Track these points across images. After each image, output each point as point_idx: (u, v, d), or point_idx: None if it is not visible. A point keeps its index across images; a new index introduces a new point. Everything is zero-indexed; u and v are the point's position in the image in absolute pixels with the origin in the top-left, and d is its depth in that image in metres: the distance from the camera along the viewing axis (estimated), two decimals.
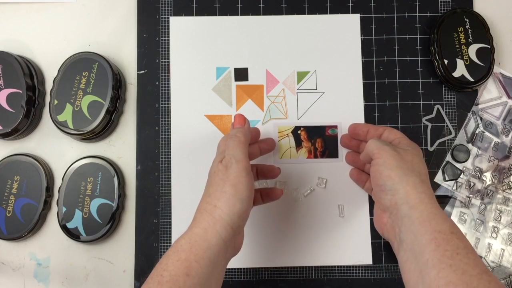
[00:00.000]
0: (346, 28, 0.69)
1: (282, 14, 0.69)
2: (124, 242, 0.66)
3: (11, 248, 0.65)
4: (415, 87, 0.68)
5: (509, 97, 0.68)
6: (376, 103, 0.68)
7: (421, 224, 0.49)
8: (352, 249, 0.65)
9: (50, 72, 0.68)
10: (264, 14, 0.69)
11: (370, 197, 0.66)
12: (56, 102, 0.64)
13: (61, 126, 0.64)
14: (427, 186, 0.53)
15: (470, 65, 0.66)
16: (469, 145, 0.67)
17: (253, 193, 0.53)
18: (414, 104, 0.68)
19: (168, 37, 0.68)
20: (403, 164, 0.53)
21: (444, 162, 0.67)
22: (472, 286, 0.44)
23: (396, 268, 0.65)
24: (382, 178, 0.53)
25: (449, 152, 0.67)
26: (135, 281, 0.64)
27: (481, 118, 0.68)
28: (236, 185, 0.50)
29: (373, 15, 0.69)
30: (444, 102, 0.68)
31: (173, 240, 0.65)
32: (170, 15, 0.69)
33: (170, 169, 0.66)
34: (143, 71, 0.68)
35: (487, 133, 0.67)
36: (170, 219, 0.65)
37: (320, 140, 0.67)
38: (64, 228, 0.63)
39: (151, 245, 0.65)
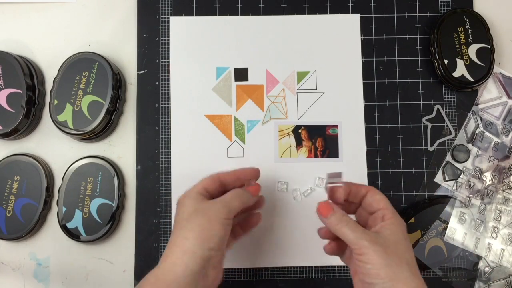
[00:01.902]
0: (346, 28, 0.69)
1: (282, 14, 0.69)
2: (124, 242, 0.66)
3: (11, 248, 0.65)
4: (415, 87, 0.68)
5: (509, 97, 0.68)
6: (376, 103, 0.68)
7: None
8: None
9: (50, 72, 0.68)
10: (264, 14, 0.69)
11: None
12: (56, 102, 0.64)
13: (61, 126, 0.64)
14: (418, 278, 0.50)
15: (470, 65, 0.66)
16: (469, 145, 0.67)
17: (229, 231, 0.52)
18: (414, 104, 0.68)
19: (168, 37, 0.68)
20: (390, 260, 0.48)
21: (444, 162, 0.67)
22: None
23: None
24: (370, 277, 0.49)
25: (449, 152, 0.67)
26: (135, 281, 0.64)
27: (481, 118, 0.68)
28: (211, 220, 0.50)
29: (373, 15, 0.69)
30: (444, 102, 0.68)
31: None
32: (170, 15, 0.69)
33: (170, 169, 0.66)
34: (143, 71, 0.68)
35: (487, 133, 0.67)
36: (170, 219, 0.65)
37: (320, 140, 0.67)
38: (64, 228, 0.63)
39: (151, 245, 0.65)
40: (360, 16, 0.69)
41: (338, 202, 0.54)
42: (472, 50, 0.67)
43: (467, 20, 0.67)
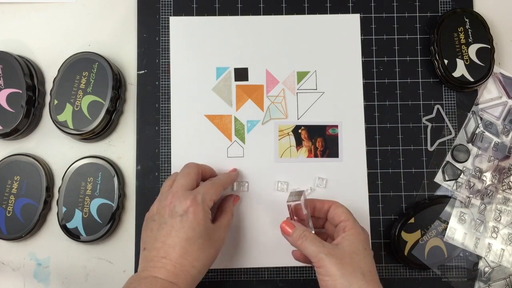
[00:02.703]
0: (346, 28, 0.69)
1: (282, 14, 0.69)
2: (124, 242, 0.66)
3: (11, 248, 0.65)
4: (415, 87, 0.68)
5: (509, 97, 0.68)
6: (376, 103, 0.68)
7: None
8: None
9: (50, 72, 0.68)
10: (264, 14, 0.69)
11: (370, 198, 0.66)
12: (56, 102, 0.64)
13: (61, 126, 0.64)
14: (372, 285, 0.52)
15: (470, 65, 0.66)
16: (469, 145, 0.67)
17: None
18: (414, 104, 0.68)
19: (168, 37, 0.68)
20: (345, 270, 0.51)
21: (444, 162, 0.67)
22: None
23: (396, 268, 0.65)
24: (324, 285, 0.52)
25: (449, 152, 0.67)
26: None
27: (481, 118, 0.68)
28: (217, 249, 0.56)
29: (373, 15, 0.69)
30: (444, 102, 0.68)
31: None
32: (170, 15, 0.69)
33: (170, 169, 0.66)
34: (143, 71, 0.68)
35: (487, 133, 0.67)
36: None
37: (320, 140, 0.67)
38: (64, 228, 0.63)
39: None
40: (360, 16, 0.69)
41: (302, 219, 0.57)
42: (472, 50, 0.67)
43: (467, 20, 0.67)
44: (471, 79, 0.66)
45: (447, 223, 0.65)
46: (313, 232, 0.56)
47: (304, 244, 0.54)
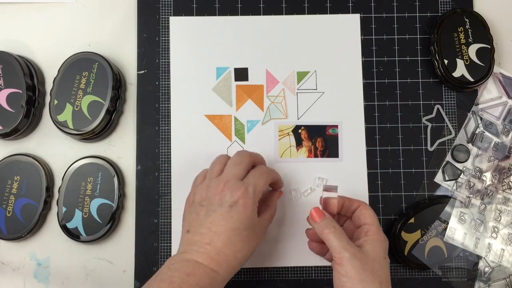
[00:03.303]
0: (346, 28, 0.69)
1: (282, 14, 0.69)
2: (124, 242, 0.66)
3: (11, 248, 0.65)
4: (415, 87, 0.68)
5: (509, 97, 0.68)
6: (376, 103, 0.68)
7: None
8: None
9: (50, 72, 0.68)
10: (264, 14, 0.69)
11: (370, 198, 0.66)
12: (56, 102, 0.64)
13: (61, 126, 0.64)
14: None
15: (470, 65, 0.66)
16: (469, 145, 0.67)
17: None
18: (414, 104, 0.68)
19: (168, 37, 0.68)
20: (365, 276, 0.51)
21: (444, 162, 0.67)
22: None
23: (396, 268, 0.65)
24: (344, 287, 0.52)
25: (449, 152, 0.67)
26: (135, 281, 0.64)
27: (481, 118, 0.68)
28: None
29: (373, 15, 0.69)
30: (444, 102, 0.68)
31: (173, 240, 0.65)
32: (170, 15, 0.69)
33: (170, 169, 0.66)
34: (143, 71, 0.68)
35: (487, 133, 0.67)
36: (170, 219, 0.65)
37: (320, 140, 0.67)
38: (64, 228, 0.63)
39: (151, 245, 0.65)
40: (360, 16, 0.69)
41: (331, 214, 0.56)
42: (472, 50, 0.67)
43: (467, 20, 0.67)
44: (471, 79, 0.66)
45: (447, 223, 0.65)
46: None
47: (330, 236, 0.53)
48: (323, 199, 0.57)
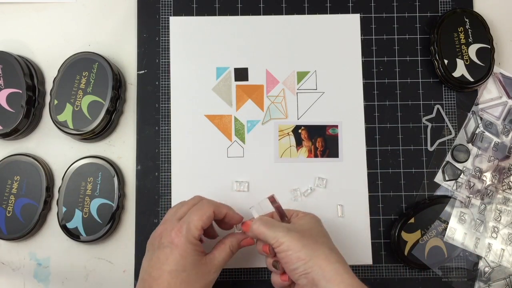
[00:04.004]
0: (346, 28, 0.69)
1: (282, 14, 0.69)
2: (124, 242, 0.66)
3: (11, 248, 0.65)
4: (415, 87, 0.68)
5: (509, 97, 0.68)
6: (376, 103, 0.68)
7: None
8: (352, 249, 0.65)
9: (50, 72, 0.68)
10: (264, 14, 0.69)
11: (370, 198, 0.66)
12: (56, 102, 0.64)
13: (61, 126, 0.64)
14: (337, 253, 0.52)
15: (470, 65, 0.66)
16: (469, 145, 0.67)
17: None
18: (414, 104, 0.68)
19: (168, 37, 0.68)
20: (306, 240, 0.51)
21: (444, 162, 0.67)
22: None
23: (396, 268, 0.65)
24: (293, 263, 0.51)
25: (449, 152, 0.67)
26: (135, 281, 0.64)
27: (481, 118, 0.68)
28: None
29: (373, 15, 0.69)
30: (444, 102, 0.68)
31: None
32: (170, 15, 0.69)
33: (170, 169, 0.66)
34: (143, 71, 0.68)
35: (487, 133, 0.67)
36: None
37: (320, 140, 0.67)
38: (64, 228, 0.63)
39: None
40: (360, 16, 0.69)
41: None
42: (472, 50, 0.67)
43: (467, 20, 0.67)
44: (471, 79, 0.66)
45: (447, 223, 0.65)
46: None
47: (260, 229, 0.52)
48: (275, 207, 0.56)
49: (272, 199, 0.56)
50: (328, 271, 0.49)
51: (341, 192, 0.66)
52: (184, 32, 0.69)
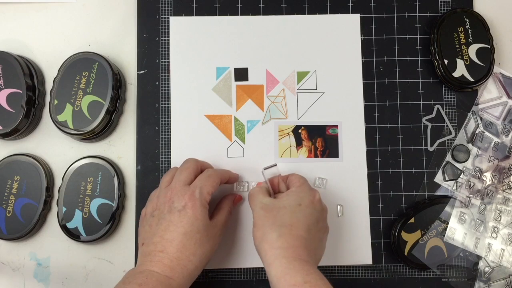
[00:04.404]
0: (346, 28, 0.69)
1: (282, 14, 0.69)
2: (124, 242, 0.66)
3: (11, 248, 0.65)
4: (415, 87, 0.68)
5: (509, 97, 0.68)
6: (376, 103, 0.68)
7: (278, 280, 0.51)
8: (352, 249, 0.65)
9: (50, 72, 0.68)
10: (264, 14, 0.69)
11: (370, 198, 0.66)
12: (56, 102, 0.64)
13: (61, 126, 0.64)
14: (285, 239, 0.53)
15: (470, 65, 0.66)
16: (469, 145, 0.67)
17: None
18: (414, 104, 0.68)
19: (168, 37, 0.68)
20: (266, 221, 0.54)
21: (444, 162, 0.67)
22: None
23: (396, 268, 0.65)
24: (252, 237, 0.55)
25: (449, 152, 0.67)
26: None
27: (481, 118, 0.68)
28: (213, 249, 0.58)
29: (373, 15, 0.69)
30: (444, 102, 0.68)
31: None
32: (170, 15, 0.69)
33: None
34: (143, 71, 0.68)
35: (487, 133, 0.67)
36: None
37: (320, 140, 0.67)
38: (64, 228, 0.63)
39: None
40: (360, 16, 0.69)
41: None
42: (472, 50, 0.67)
43: (467, 20, 0.67)
44: (471, 79, 0.66)
45: (447, 223, 0.65)
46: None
47: (249, 198, 0.58)
48: (268, 180, 0.61)
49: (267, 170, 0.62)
50: (269, 256, 0.52)
51: (341, 192, 0.66)
52: (184, 32, 0.69)
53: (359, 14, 0.69)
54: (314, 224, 0.55)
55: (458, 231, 0.65)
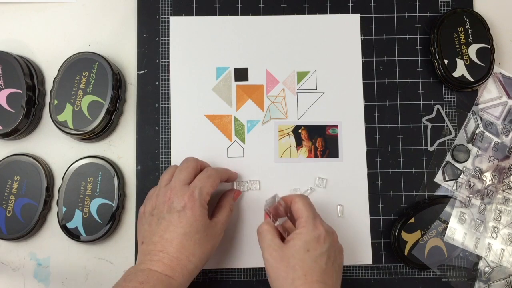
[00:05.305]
0: (346, 28, 0.69)
1: (282, 14, 0.69)
2: (124, 242, 0.66)
3: (11, 248, 0.65)
4: (415, 87, 0.68)
5: (509, 97, 0.68)
6: (376, 103, 0.68)
7: None
8: (352, 249, 0.65)
9: (50, 72, 0.68)
10: (264, 14, 0.69)
11: (370, 198, 0.66)
12: (56, 102, 0.64)
13: (61, 126, 0.64)
14: (295, 286, 0.52)
15: (470, 65, 0.66)
16: (469, 145, 0.67)
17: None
18: (414, 104, 0.68)
19: (168, 37, 0.68)
20: (279, 273, 0.52)
21: (444, 162, 0.67)
22: None
23: (396, 268, 0.65)
24: (266, 271, 0.54)
25: (449, 152, 0.67)
26: None
27: (481, 118, 0.68)
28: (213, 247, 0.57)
29: (373, 15, 0.69)
30: (444, 102, 0.68)
31: None
32: (170, 15, 0.69)
33: None
34: (143, 71, 0.68)
35: (487, 133, 0.67)
36: None
37: (320, 140, 0.67)
38: (64, 228, 0.63)
39: None
40: (360, 16, 0.69)
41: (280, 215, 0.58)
42: (472, 50, 0.67)
43: (467, 20, 0.67)
44: (471, 79, 0.66)
45: (447, 223, 0.65)
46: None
47: (261, 236, 0.55)
48: (270, 211, 0.57)
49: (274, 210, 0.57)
50: None
51: (341, 192, 0.66)
52: (184, 32, 0.69)
53: (359, 14, 0.69)
54: (326, 263, 0.53)
55: (458, 231, 0.65)
